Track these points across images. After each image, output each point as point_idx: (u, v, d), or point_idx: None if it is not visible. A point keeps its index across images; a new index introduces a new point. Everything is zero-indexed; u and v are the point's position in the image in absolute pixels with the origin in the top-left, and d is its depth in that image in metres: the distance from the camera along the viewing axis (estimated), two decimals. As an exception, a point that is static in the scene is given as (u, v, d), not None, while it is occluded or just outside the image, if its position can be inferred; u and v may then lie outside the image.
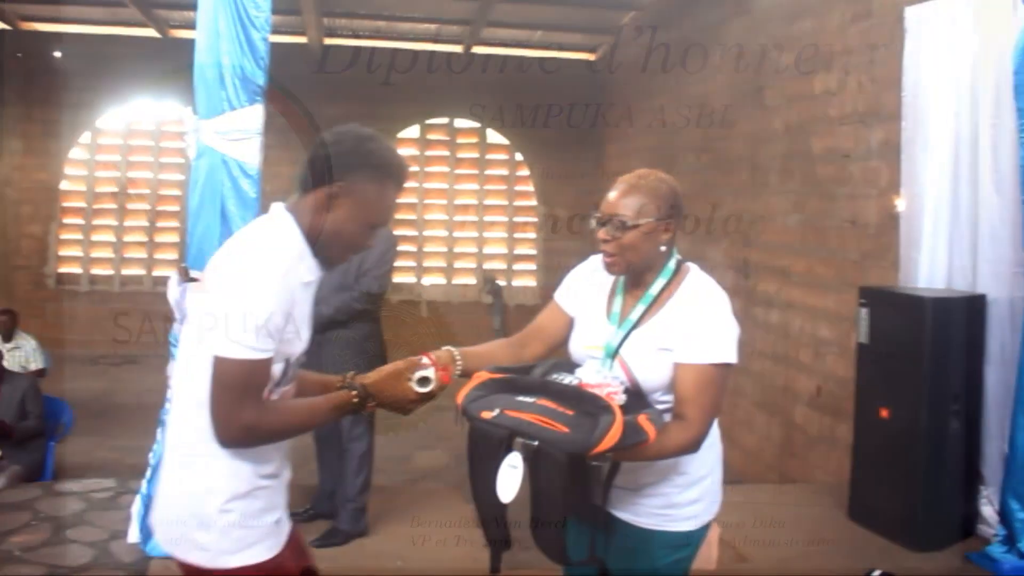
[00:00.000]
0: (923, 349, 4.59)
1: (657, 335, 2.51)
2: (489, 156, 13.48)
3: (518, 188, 13.51)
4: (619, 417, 2.16)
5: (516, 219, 13.53)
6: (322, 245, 2.31)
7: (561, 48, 13.15)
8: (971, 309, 4.75)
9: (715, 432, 2.71)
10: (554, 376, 2.38)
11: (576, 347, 2.68)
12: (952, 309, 4.72)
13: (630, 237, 2.50)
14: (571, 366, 2.49)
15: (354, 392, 2.34)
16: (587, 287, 2.76)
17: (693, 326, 2.48)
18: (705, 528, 2.66)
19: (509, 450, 2.17)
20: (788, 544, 4.55)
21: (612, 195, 2.56)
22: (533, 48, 13.12)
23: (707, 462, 2.65)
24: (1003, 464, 4.61)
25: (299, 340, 2.27)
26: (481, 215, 13.45)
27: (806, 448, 6.48)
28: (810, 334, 6.50)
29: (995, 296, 4.77)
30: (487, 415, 2.24)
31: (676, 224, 2.58)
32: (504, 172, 13.55)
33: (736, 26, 8.04)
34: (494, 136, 13.39)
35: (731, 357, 2.47)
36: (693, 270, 2.63)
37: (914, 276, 5.21)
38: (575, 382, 2.32)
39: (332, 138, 2.38)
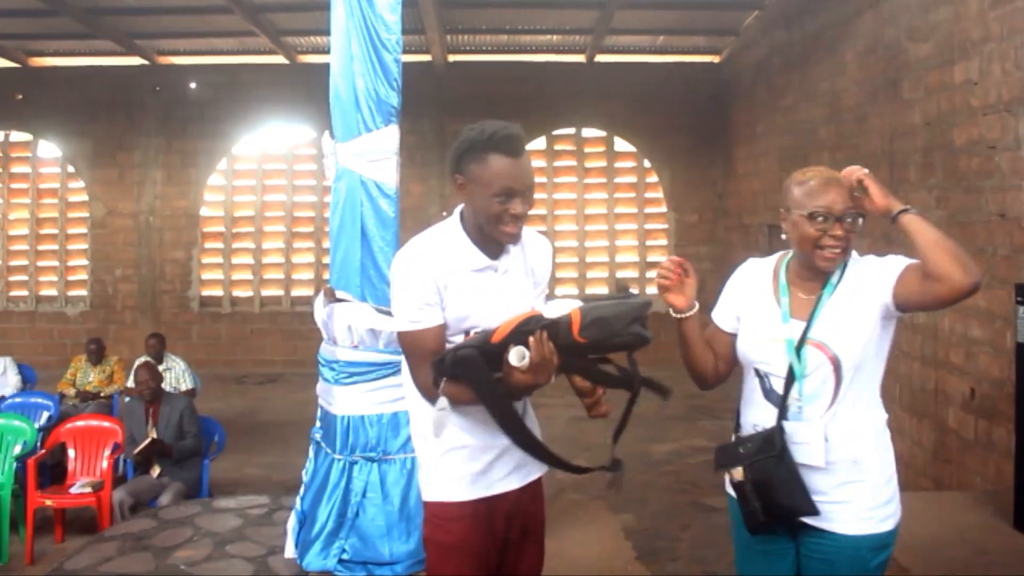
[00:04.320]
0: (1089, 347, 4.36)
1: (852, 307, 2.60)
2: (617, 164, 13.43)
3: (647, 195, 13.41)
4: (523, 314, 2.49)
5: (647, 226, 13.43)
6: (478, 231, 2.64)
7: (684, 52, 13.04)
8: None
9: (888, 432, 2.72)
10: None
11: (749, 347, 2.75)
12: (1119, 304, 4.47)
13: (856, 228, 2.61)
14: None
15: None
16: (747, 293, 2.82)
17: (878, 270, 2.62)
18: (897, 529, 2.66)
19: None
20: (951, 555, 4.36)
21: (829, 190, 2.62)
22: (656, 54, 13.05)
23: (891, 459, 2.68)
24: None
25: (476, 315, 2.63)
26: (611, 223, 13.40)
27: (961, 453, 6.22)
28: (961, 334, 6.25)
29: None
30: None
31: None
32: (632, 179, 13.48)
33: (867, 19, 7.82)
34: (621, 144, 13.33)
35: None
36: (854, 254, 2.71)
37: (1074, 270, 4.97)
38: None
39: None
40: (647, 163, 13.31)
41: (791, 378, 2.63)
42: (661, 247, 13.38)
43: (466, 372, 2.41)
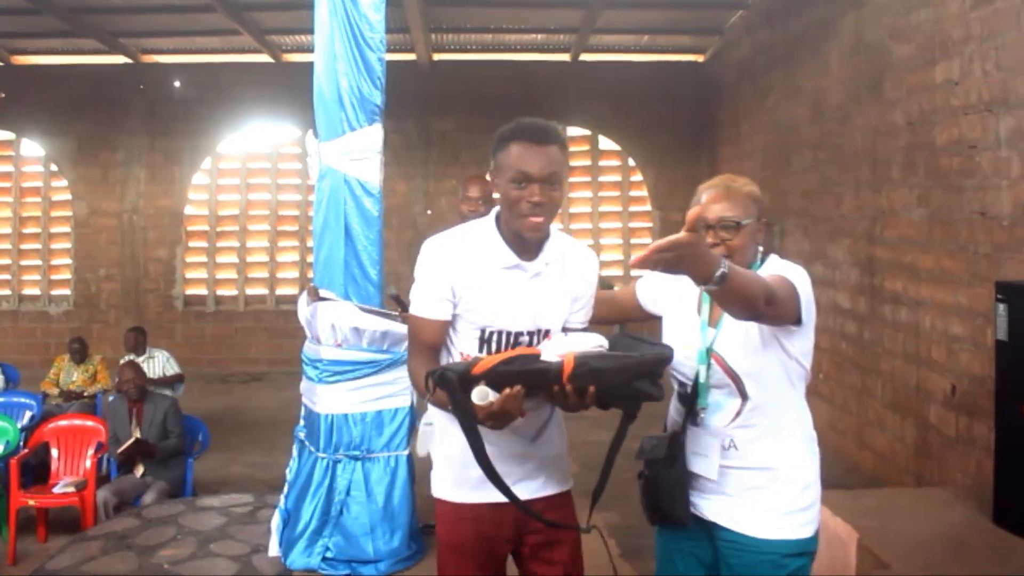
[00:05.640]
0: (1067, 344, 4.40)
1: (741, 322, 2.54)
2: (601, 163, 13.44)
3: (632, 194, 13.42)
4: (515, 351, 2.46)
5: (631, 224, 13.45)
6: (509, 229, 2.60)
7: (669, 51, 13.06)
8: (1117, 300, 4.53)
9: (816, 440, 2.73)
10: None
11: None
12: (1096, 301, 4.50)
13: (739, 239, 2.59)
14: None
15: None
16: (674, 292, 2.81)
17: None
18: (817, 539, 2.66)
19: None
20: (932, 550, 4.39)
21: (711, 199, 2.64)
22: (641, 52, 13.07)
23: (816, 467, 2.68)
24: None
25: (494, 315, 2.60)
26: (596, 222, 13.41)
27: (942, 449, 6.27)
28: (941, 331, 6.30)
29: None
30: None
31: (766, 226, 2.71)
32: (617, 178, 13.49)
33: (850, 19, 7.86)
34: (606, 142, 13.35)
35: (800, 283, 2.51)
36: (774, 259, 2.70)
37: (1052, 268, 5.00)
38: None
39: None
40: (631, 162, 13.33)
41: (696, 387, 2.65)
42: (645, 245, 13.32)
43: (446, 391, 2.38)
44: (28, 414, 7.62)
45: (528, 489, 2.70)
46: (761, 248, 2.70)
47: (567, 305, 2.71)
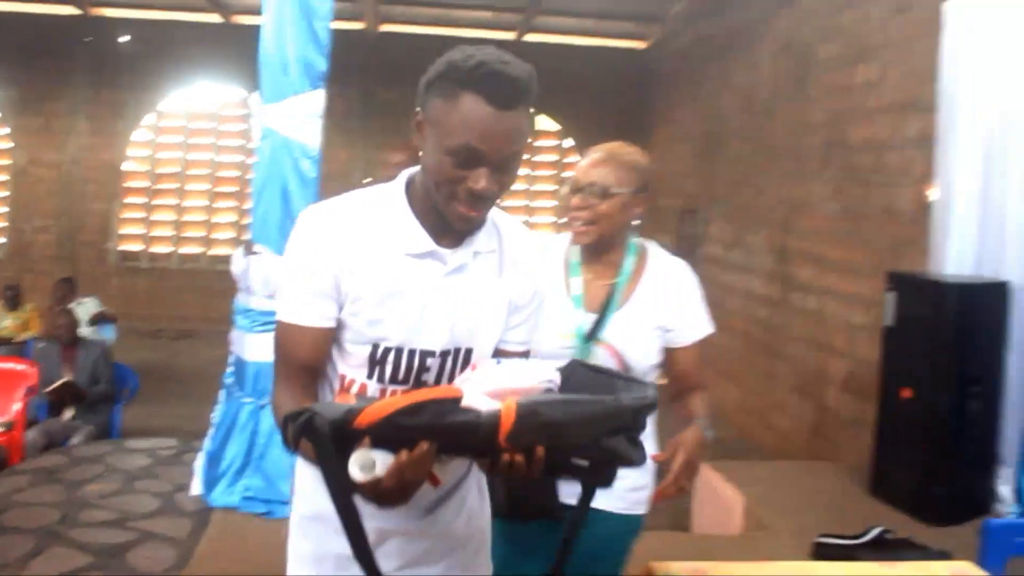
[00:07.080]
0: (946, 332, 4.75)
1: (648, 315, 2.46)
2: (539, 142, 13.73)
3: (566, 174, 13.68)
4: (417, 395, 1.46)
5: (565, 204, 13.68)
6: (427, 202, 1.79)
7: (612, 36, 13.32)
8: (994, 295, 4.88)
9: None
10: None
11: (542, 338, 2.21)
12: (976, 294, 4.86)
13: (607, 206, 2.40)
14: None
15: None
16: None
17: (684, 306, 2.49)
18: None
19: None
20: (807, 514, 4.77)
21: (589, 162, 2.46)
22: (584, 36, 13.31)
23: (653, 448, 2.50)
24: (1020, 445, 4.81)
25: (392, 324, 1.78)
26: (530, 199, 13.70)
27: (836, 430, 6.65)
28: (844, 319, 6.66)
29: (1020, 283, 4.91)
30: None
31: (646, 201, 2.49)
32: (554, 157, 13.80)
33: (783, 17, 8.17)
34: (545, 122, 13.63)
35: (712, 327, 2.54)
36: (654, 246, 2.58)
37: (943, 263, 5.32)
38: None
39: None
40: (569, 142, 13.64)
41: None
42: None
43: (314, 447, 1.48)
44: (-42, 356, 7.71)
45: (420, 571, 1.92)
46: (636, 222, 2.49)
47: (502, 315, 1.89)
